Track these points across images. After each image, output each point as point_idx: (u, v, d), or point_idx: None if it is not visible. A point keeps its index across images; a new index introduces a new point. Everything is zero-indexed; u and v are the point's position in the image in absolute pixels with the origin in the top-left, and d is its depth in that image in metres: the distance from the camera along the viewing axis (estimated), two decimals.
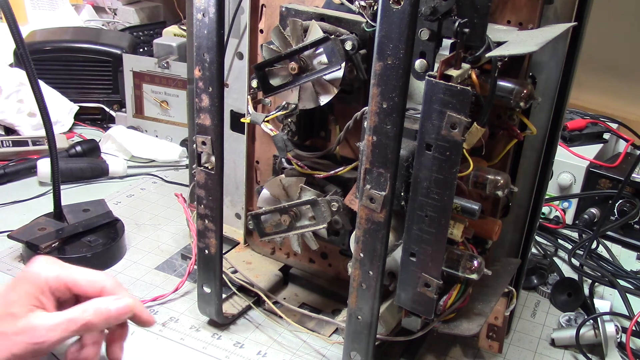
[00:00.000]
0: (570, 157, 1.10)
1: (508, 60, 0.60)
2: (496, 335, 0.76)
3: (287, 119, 0.76)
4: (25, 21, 1.70)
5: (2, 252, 0.92)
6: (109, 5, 1.90)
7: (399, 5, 0.51)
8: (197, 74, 0.66)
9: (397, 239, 0.65)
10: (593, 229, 1.03)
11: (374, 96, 0.55)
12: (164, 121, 1.30)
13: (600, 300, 0.88)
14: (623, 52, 1.36)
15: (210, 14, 0.63)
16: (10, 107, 1.27)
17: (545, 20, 0.65)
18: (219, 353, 0.75)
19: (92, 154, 1.20)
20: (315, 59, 0.68)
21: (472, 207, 0.61)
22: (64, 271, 0.62)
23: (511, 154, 0.71)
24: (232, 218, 0.94)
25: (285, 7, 0.72)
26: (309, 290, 0.87)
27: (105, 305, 0.61)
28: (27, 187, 1.11)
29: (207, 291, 0.76)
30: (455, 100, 0.53)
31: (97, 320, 0.60)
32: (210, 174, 0.69)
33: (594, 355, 0.79)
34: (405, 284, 0.62)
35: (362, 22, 0.67)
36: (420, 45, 0.59)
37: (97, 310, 0.61)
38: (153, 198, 1.12)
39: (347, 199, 0.73)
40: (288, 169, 0.78)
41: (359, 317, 0.64)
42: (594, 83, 1.38)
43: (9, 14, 0.79)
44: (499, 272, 0.73)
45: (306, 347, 0.77)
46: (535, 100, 0.64)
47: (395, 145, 0.56)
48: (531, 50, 0.55)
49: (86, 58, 1.36)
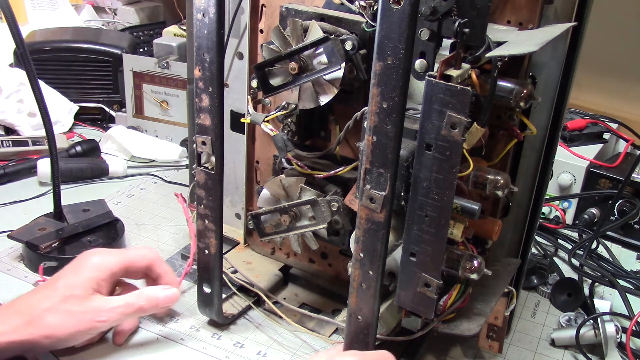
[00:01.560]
0: (570, 157, 1.10)
1: (508, 60, 0.60)
2: (496, 335, 0.76)
3: (287, 119, 0.76)
4: (25, 21, 1.70)
5: (2, 252, 0.92)
6: (109, 5, 1.90)
7: (399, 5, 0.51)
8: (197, 74, 0.66)
9: (397, 239, 0.65)
10: (593, 229, 1.03)
11: (374, 96, 0.55)
12: (164, 121, 1.30)
13: (600, 300, 0.88)
14: (623, 52, 1.36)
15: (210, 14, 0.63)
16: (10, 107, 1.27)
17: (545, 20, 0.65)
18: (219, 353, 0.75)
19: (92, 154, 1.20)
20: (315, 59, 0.68)
21: (472, 207, 0.61)
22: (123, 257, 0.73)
23: (511, 154, 0.71)
24: (232, 218, 0.94)
25: (285, 7, 0.72)
26: (309, 290, 0.87)
27: (156, 294, 0.73)
28: (27, 187, 1.11)
29: (207, 291, 0.76)
30: (455, 100, 0.53)
31: (148, 306, 0.72)
32: (210, 174, 0.69)
33: (594, 355, 0.79)
34: (405, 284, 0.62)
35: (362, 22, 0.67)
36: (420, 45, 0.59)
37: (149, 297, 0.72)
38: (153, 198, 1.11)
39: (347, 199, 0.73)
40: (288, 169, 0.78)
41: (359, 317, 0.64)
42: (594, 83, 1.38)
43: (9, 14, 0.79)
44: (499, 272, 0.73)
45: (306, 347, 0.77)
46: (535, 100, 0.64)
47: (395, 145, 0.56)
48: (531, 50, 0.55)
49: (86, 58, 1.36)
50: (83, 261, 0.72)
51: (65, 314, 0.67)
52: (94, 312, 0.68)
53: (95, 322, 0.68)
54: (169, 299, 0.74)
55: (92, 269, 0.71)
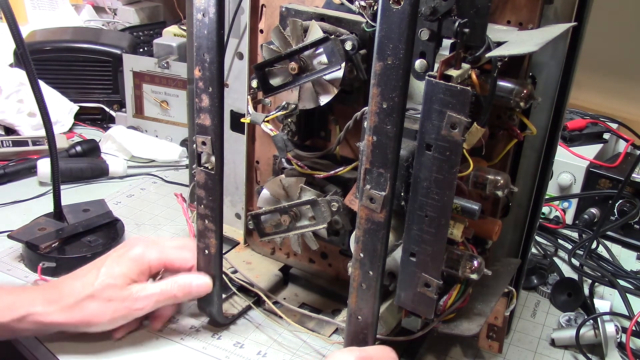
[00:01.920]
0: (570, 157, 1.10)
1: (508, 60, 0.60)
2: (496, 335, 0.76)
3: (287, 119, 0.76)
4: (25, 21, 1.70)
5: (2, 252, 0.92)
6: (109, 5, 1.90)
7: (398, 5, 0.51)
8: (197, 74, 0.66)
9: (397, 239, 0.65)
10: (593, 229, 1.03)
11: (374, 96, 0.55)
12: (164, 121, 1.30)
13: (600, 300, 0.88)
14: (623, 52, 1.36)
15: (210, 14, 0.63)
16: (10, 107, 1.27)
17: (545, 20, 0.65)
18: (219, 353, 0.75)
19: (92, 154, 1.20)
20: (315, 59, 0.68)
21: (472, 207, 0.61)
22: (163, 255, 0.76)
23: (511, 154, 0.71)
24: (232, 218, 0.94)
25: (285, 7, 0.72)
26: (309, 290, 0.87)
27: (189, 282, 0.74)
28: (27, 187, 1.11)
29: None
30: (455, 101, 0.53)
31: (181, 294, 0.74)
32: (210, 174, 0.69)
33: (594, 355, 0.79)
34: (405, 284, 0.62)
35: (362, 22, 0.67)
36: (420, 45, 0.59)
37: (182, 285, 0.74)
38: (153, 198, 1.11)
39: (347, 199, 0.73)
40: (288, 169, 0.78)
41: (359, 317, 0.64)
42: (594, 83, 1.38)
43: (9, 14, 0.79)
44: (499, 272, 0.73)
45: (306, 347, 0.77)
46: (535, 100, 0.64)
47: (395, 145, 0.56)
48: (531, 50, 0.55)
49: (86, 58, 1.36)
50: (126, 251, 0.75)
51: (105, 301, 0.71)
52: (131, 300, 0.72)
53: (131, 309, 0.72)
54: (202, 288, 0.75)
55: (132, 261, 0.74)
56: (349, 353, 0.64)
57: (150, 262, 0.75)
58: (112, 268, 0.73)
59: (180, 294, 0.74)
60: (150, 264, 0.75)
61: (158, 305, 0.74)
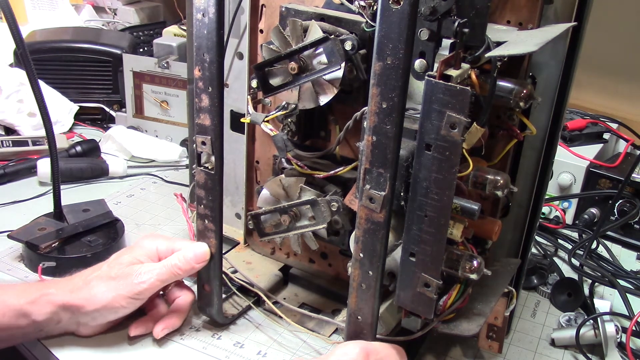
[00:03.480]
0: (570, 157, 1.10)
1: (508, 60, 0.60)
2: (496, 335, 0.76)
3: (287, 119, 0.76)
4: (25, 21, 1.70)
5: (2, 252, 0.92)
6: (109, 5, 1.90)
7: (398, 5, 0.51)
8: (197, 74, 0.66)
9: (397, 239, 0.65)
10: (593, 229, 1.03)
11: (373, 96, 0.55)
12: (164, 121, 1.30)
13: (600, 300, 0.88)
14: (623, 52, 1.36)
15: (210, 14, 0.63)
16: (10, 107, 1.27)
17: (545, 20, 0.65)
18: (219, 353, 0.75)
19: (92, 154, 1.20)
20: (315, 59, 0.68)
21: (472, 207, 0.61)
22: (171, 242, 0.77)
23: (511, 154, 0.71)
24: (232, 218, 0.94)
25: (285, 7, 0.72)
26: (309, 290, 0.87)
27: (187, 254, 0.74)
28: (27, 187, 1.11)
29: (207, 291, 0.76)
30: (455, 100, 0.53)
31: (182, 264, 0.73)
32: (210, 174, 0.69)
33: (594, 355, 0.79)
34: (404, 284, 0.62)
35: (361, 22, 0.67)
36: (419, 45, 0.59)
37: (181, 254, 0.74)
38: (153, 198, 1.12)
39: (347, 199, 0.73)
40: (288, 169, 0.78)
41: (359, 317, 0.64)
42: (594, 83, 1.38)
43: (9, 14, 0.79)
44: (499, 272, 0.73)
45: (306, 347, 0.77)
46: (535, 100, 0.64)
47: (394, 145, 0.56)
48: (531, 50, 0.55)
49: (86, 58, 1.36)
50: (136, 244, 0.78)
51: (108, 278, 0.72)
52: (134, 275, 0.72)
53: (134, 284, 0.72)
54: (200, 256, 0.74)
55: (140, 247, 0.76)
56: (355, 344, 0.64)
57: (159, 247, 0.76)
58: (120, 255, 0.76)
59: (182, 264, 0.73)
60: (159, 249, 0.76)
61: (161, 281, 0.73)
